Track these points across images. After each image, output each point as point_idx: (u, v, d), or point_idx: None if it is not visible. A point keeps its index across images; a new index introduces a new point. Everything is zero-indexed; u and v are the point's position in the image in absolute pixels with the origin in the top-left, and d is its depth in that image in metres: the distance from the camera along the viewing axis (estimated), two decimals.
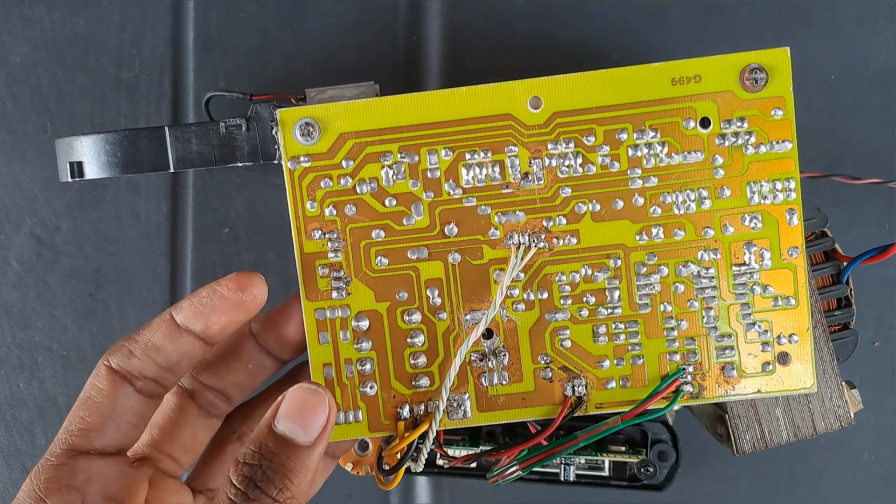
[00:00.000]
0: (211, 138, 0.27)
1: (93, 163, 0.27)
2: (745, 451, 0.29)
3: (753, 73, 0.26)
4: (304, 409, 0.23)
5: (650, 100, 0.26)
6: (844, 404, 0.29)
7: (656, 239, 0.27)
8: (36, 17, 0.36)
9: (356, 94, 0.28)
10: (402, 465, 0.27)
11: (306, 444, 0.23)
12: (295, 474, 0.23)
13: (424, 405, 0.27)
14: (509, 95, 0.26)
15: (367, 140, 0.26)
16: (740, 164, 0.26)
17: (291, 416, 0.23)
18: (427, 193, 0.27)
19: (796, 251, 0.27)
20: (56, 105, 0.36)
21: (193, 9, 0.36)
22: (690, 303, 0.27)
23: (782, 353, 0.27)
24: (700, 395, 0.27)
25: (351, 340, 0.27)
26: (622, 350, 0.27)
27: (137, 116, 0.36)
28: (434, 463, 0.31)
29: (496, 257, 0.27)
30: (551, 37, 0.35)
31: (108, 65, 0.36)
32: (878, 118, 0.35)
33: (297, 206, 0.27)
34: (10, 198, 0.37)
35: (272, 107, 0.27)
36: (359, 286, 0.27)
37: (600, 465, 0.32)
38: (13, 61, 0.36)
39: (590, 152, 0.26)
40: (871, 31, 0.35)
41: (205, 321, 0.25)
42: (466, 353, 0.26)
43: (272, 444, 0.23)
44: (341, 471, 0.31)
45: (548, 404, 0.27)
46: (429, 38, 0.36)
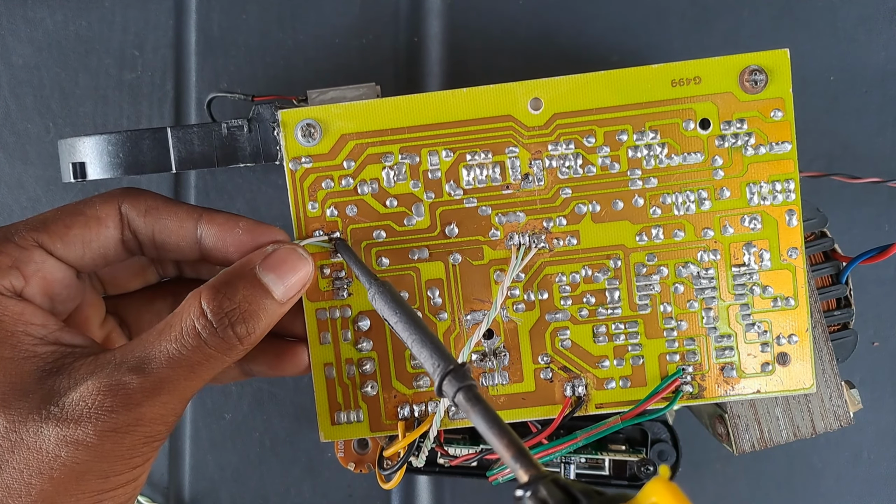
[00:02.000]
0: (213, 139, 0.27)
1: (95, 164, 0.27)
2: (744, 450, 0.29)
3: (753, 75, 0.26)
4: (289, 267, 0.24)
5: (650, 101, 0.26)
6: (844, 404, 0.29)
7: (656, 240, 0.27)
8: (39, 19, 0.37)
9: (357, 95, 0.29)
10: (403, 464, 0.27)
11: (279, 300, 0.24)
12: (261, 323, 0.23)
13: (425, 405, 0.27)
14: (510, 97, 0.26)
15: (369, 141, 0.27)
16: (740, 165, 0.27)
17: (276, 270, 0.24)
18: (428, 194, 0.27)
19: (796, 252, 0.27)
20: (59, 106, 0.37)
21: (195, 10, 0.36)
22: (690, 303, 0.27)
23: (782, 353, 0.27)
24: (700, 395, 0.27)
25: (352, 340, 0.27)
26: (622, 350, 0.27)
27: (140, 117, 0.36)
28: (435, 462, 0.31)
29: (497, 258, 0.27)
30: (552, 38, 0.35)
31: (111, 66, 0.36)
32: (877, 118, 0.35)
33: (298, 206, 0.27)
34: (13, 198, 0.37)
35: (274, 108, 0.27)
36: (360, 286, 0.27)
37: (601, 464, 0.32)
38: (16, 62, 0.37)
39: (590, 153, 0.27)
40: (871, 32, 0.35)
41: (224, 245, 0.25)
42: (468, 354, 0.26)
43: (252, 289, 0.23)
44: (343, 469, 0.31)
45: (548, 404, 0.27)
46: (430, 40, 0.36)
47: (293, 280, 0.24)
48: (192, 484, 0.37)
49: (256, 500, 0.37)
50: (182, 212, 0.25)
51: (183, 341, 0.22)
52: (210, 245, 0.25)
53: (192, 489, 0.37)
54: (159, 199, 0.26)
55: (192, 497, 0.37)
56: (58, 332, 0.23)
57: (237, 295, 0.23)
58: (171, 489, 0.37)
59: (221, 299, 0.23)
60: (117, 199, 0.25)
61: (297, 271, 0.24)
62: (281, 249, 0.24)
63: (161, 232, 0.25)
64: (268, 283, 0.24)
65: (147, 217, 0.25)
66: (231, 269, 0.24)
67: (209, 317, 0.22)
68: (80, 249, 0.25)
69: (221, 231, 0.25)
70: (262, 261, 0.24)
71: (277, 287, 0.24)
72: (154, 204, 0.25)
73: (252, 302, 0.23)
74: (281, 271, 0.24)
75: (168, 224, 0.25)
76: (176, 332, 0.22)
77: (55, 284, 0.25)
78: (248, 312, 0.23)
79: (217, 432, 0.37)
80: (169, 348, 0.22)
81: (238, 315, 0.23)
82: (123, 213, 0.25)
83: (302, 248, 0.25)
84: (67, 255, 0.25)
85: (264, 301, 0.23)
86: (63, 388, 0.21)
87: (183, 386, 0.22)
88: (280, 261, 0.24)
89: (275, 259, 0.24)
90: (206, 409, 0.37)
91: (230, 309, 0.23)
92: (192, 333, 0.22)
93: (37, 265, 0.24)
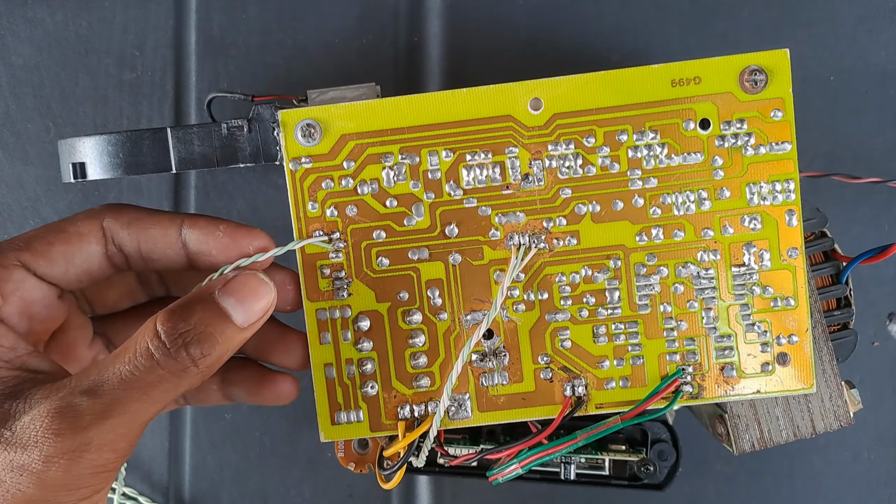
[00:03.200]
0: (213, 139, 0.27)
1: (95, 164, 0.27)
2: (744, 450, 0.29)
3: (753, 75, 0.26)
4: (250, 294, 0.24)
5: (650, 101, 0.26)
6: (844, 404, 0.29)
7: (656, 240, 0.27)
8: (39, 19, 0.37)
9: (357, 95, 0.29)
10: (403, 464, 0.27)
11: (240, 325, 0.23)
12: (219, 347, 0.23)
13: (425, 405, 0.27)
14: (510, 97, 0.26)
15: (369, 141, 0.27)
16: (740, 165, 0.27)
17: (236, 295, 0.23)
18: (428, 194, 0.27)
19: (795, 252, 0.27)
20: (58, 106, 0.37)
21: (195, 10, 0.36)
22: (690, 303, 0.27)
23: (781, 353, 0.27)
24: (699, 395, 0.27)
25: (352, 341, 0.27)
26: (622, 350, 0.27)
27: (139, 117, 0.36)
28: (435, 462, 0.31)
29: (496, 258, 0.27)
30: (551, 38, 0.35)
31: (111, 66, 0.36)
32: (877, 118, 0.35)
33: (298, 206, 0.27)
34: (14, 198, 0.37)
35: (274, 108, 0.27)
36: (360, 287, 0.27)
37: (600, 464, 0.32)
38: (16, 62, 0.37)
39: (590, 153, 0.27)
40: (871, 32, 0.35)
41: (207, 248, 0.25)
42: (468, 354, 0.26)
43: (209, 312, 0.23)
44: (343, 469, 0.31)
45: (548, 404, 0.27)
46: (430, 40, 0.36)
47: (255, 307, 0.24)
48: (192, 484, 0.37)
49: (256, 500, 0.37)
50: (164, 219, 0.26)
51: (136, 363, 0.22)
52: (195, 249, 0.25)
53: (192, 489, 0.37)
54: (141, 210, 0.26)
55: (192, 497, 0.37)
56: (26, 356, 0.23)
57: (193, 317, 0.22)
58: (170, 489, 0.37)
59: (176, 320, 0.22)
60: (99, 214, 0.25)
61: (259, 298, 0.24)
62: (242, 275, 0.24)
63: (146, 242, 0.25)
64: (227, 308, 0.23)
65: (130, 229, 0.25)
66: (190, 293, 0.24)
67: (163, 337, 0.22)
68: (63, 266, 0.25)
69: (204, 234, 0.25)
70: (222, 286, 0.24)
71: (237, 312, 0.23)
72: (136, 215, 0.26)
73: (208, 324, 0.23)
74: (241, 296, 0.23)
75: (152, 233, 0.25)
76: (130, 354, 0.22)
77: (34, 304, 0.24)
78: (204, 335, 0.22)
79: (217, 432, 0.37)
80: (122, 370, 0.21)
81: (192, 336, 0.22)
82: (106, 228, 0.25)
83: (263, 275, 0.24)
84: (50, 272, 0.25)
85: (222, 325, 0.23)
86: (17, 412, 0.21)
87: (134, 409, 0.21)
88: (240, 285, 0.24)
89: (235, 284, 0.24)
90: (206, 409, 0.37)
91: (184, 330, 0.22)
92: (146, 355, 0.22)
93: (15, 284, 0.24)
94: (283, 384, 0.28)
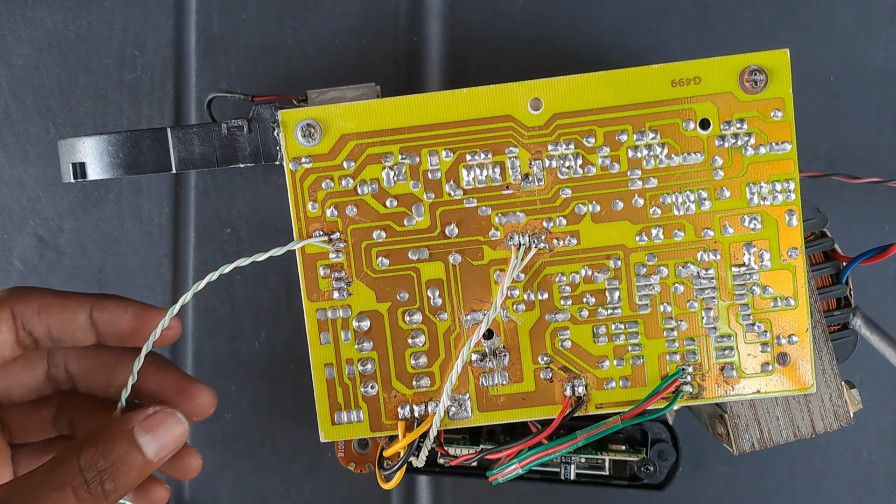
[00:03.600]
0: (213, 139, 0.27)
1: (95, 164, 0.27)
2: (744, 450, 0.29)
3: (753, 75, 0.26)
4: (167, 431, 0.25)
5: (650, 101, 0.26)
6: (844, 404, 0.29)
7: (656, 240, 0.27)
8: (39, 19, 0.37)
9: (357, 95, 0.29)
10: (403, 464, 0.27)
11: (151, 459, 0.24)
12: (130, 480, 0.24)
13: (425, 405, 0.27)
14: (510, 97, 0.26)
15: (369, 141, 0.27)
16: (740, 165, 0.27)
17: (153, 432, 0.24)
18: (428, 194, 0.27)
19: (795, 252, 0.27)
20: (58, 106, 0.37)
21: (195, 10, 0.36)
22: (690, 303, 0.27)
23: (781, 353, 0.27)
24: (699, 395, 0.27)
25: (352, 341, 0.27)
26: (622, 350, 0.27)
27: (140, 117, 0.36)
28: (435, 462, 0.31)
29: (497, 258, 0.27)
30: (551, 38, 0.35)
31: (111, 66, 0.36)
32: (877, 118, 0.35)
33: (298, 206, 0.27)
34: (14, 198, 0.37)
35: (274, 108, 0.27)
36: (360, 287, 0.27)
37: (601, 464, 0.32)
38: (16, 62, 0.37)
39: (590, 153, 0.27)
40: (871, 32, 0.35)
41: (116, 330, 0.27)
42: (468, 354, 0.26)
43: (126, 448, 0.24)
44: (343, 469, 0.31)
45: (548, 404, 0.27)
46: (430, 40, 0.36)
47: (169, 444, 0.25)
48: (192, 484, 0.37)
49: (256, 500, 0.37)
50: (73, 304, 0.26)
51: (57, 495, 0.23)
52: (104, 331, 0.27)
53: (192, 489, 0.37)
54: (48, 294, 0.26)
55: (192, 497, 0.37)
56: None
57: (112, 454, 0.24)
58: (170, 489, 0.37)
59: (97, 458, 0.23)
60: (7, 302, 0.26)
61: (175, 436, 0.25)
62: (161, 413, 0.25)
63: (56, 327, 0.26)
64: (143, 444, 0.24)
65: (41, 316, 0.26)
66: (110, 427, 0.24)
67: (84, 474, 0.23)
68: None
69: (113, 318, 0.27)
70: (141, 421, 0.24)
71: (151, 447, 0.24)
72: (45, 301, 0.26)
73: (125, 461, 0.24)
74: (157, 433, 0.25)
75: (62, 318, 0.26)
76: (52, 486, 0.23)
77: None
78: (121, 471, 0.24)
79: (217, 432, 0.37)
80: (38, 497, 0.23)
81: (109, 474, 0.23)
82: (17, 316, 0.26)
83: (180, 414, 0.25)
84: None
85: (137, 461, 0.24)
86: None
87: None
88: (158, 423, 0.25)
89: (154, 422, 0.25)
90: None
91: (104, 468, 0.23)
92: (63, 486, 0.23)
93: None
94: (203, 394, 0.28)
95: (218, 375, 0.37)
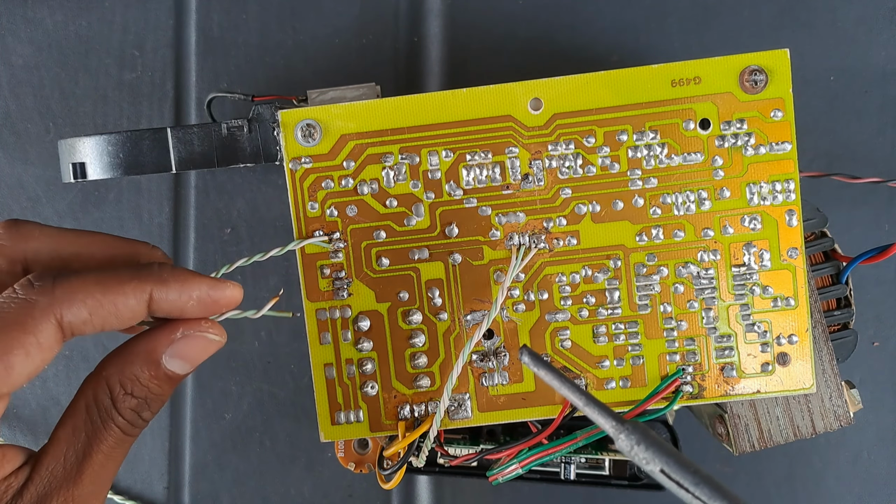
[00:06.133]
0: (213, 139, 0.27)
1: (95, 164, 0.27)
2: (744, 450, 0.29)
3: (753, 75, 0.26)
4: (199, 354, 0.24)
5: (650, 101, 0.26)
6: (844, 404, 0.29)
7: (656, 240, 0.27)
8: (39, 19, 0.37)
9: (357, 95, 0.29)
10: (403, 464, 0.27)
11: (182, 375, 0.24)
12: (167, 398, 0.24)
13: (425, 405, 0.27)
14: (510, 97, 0.26)
15: (369, 141, 0.27)
16: (740, 165, 0.27)
17: (183, 357, 0.23)
18: (428, 194, 0.27)
19: (796, 252, 0.27)
20: (58, 106, 0.37)
21: (195, 10, 0.36)
22: (690, 303, 0.27)
23: (781, 353, 0.27)
24: (700, 395, 0.27)
25: (352, 341, 0.27)
26: (622, 350, 0.27)
27: (140, 117, 0.36)
28: (435, 462, 0.31)
29: (496, 258, 0.27)
30: (552, 38, 0.35)
31: (111, 66, 0.36)
32: (877, 118, 0.35)
33: (298, 206, 0.27)
34: (14, 198, 0.37)
35: (274, 108, 0.27)
36: (360, 287, 0.27)
37: (601, 464, 0.32)
38: (16, 62, 0.37)
39: (590, 153, 0.27)
40: (871, 32, 0.35)
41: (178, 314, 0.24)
42: (468, 354, 0.26)
43: (158, 380, 0.23)
44: (343, 469, 0.31)
45: (548, 404, 0.27)
46: (430, 40, 0.36)
47: (197, 357, 0.24)
48: (192, 484, 0.37)
49: (256, 500, 0.37)
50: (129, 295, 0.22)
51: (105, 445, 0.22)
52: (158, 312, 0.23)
53: (192, 489, 0.37)
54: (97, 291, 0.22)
55: (192, 497, 0.37)
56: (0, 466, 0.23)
57: (143, 390, 0.23)
58: (171, 489, 0.37)
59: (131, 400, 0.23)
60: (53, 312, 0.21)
61: (201, 351, 0.24)
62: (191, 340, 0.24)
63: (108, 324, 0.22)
64: (173, 369, 0.23)
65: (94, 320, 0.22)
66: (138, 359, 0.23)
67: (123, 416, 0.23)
68: (23, 381, 0.22)
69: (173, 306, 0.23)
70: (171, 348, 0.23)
71: (181, 368, 0.24)
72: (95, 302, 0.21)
73: (158, 391, 0.23)
74: (188, 358, 0.24)
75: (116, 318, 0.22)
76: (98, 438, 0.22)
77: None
78: (156, 400, 0.23)
79: (217, 432, 0.37)
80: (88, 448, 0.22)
81: (146, 406, 0.23)
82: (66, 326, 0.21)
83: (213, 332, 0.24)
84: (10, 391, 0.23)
85: (169, 385, 0.24)
86: None
87: (105, 476, 0.23)
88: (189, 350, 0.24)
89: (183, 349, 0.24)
90: (206, 409, 0.37)
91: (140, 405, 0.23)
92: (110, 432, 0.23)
93: None
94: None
95: (218, 375, 0.37)
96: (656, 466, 0.20)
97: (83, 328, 0.22)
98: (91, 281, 0.22)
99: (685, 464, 0.20)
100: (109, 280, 0.22)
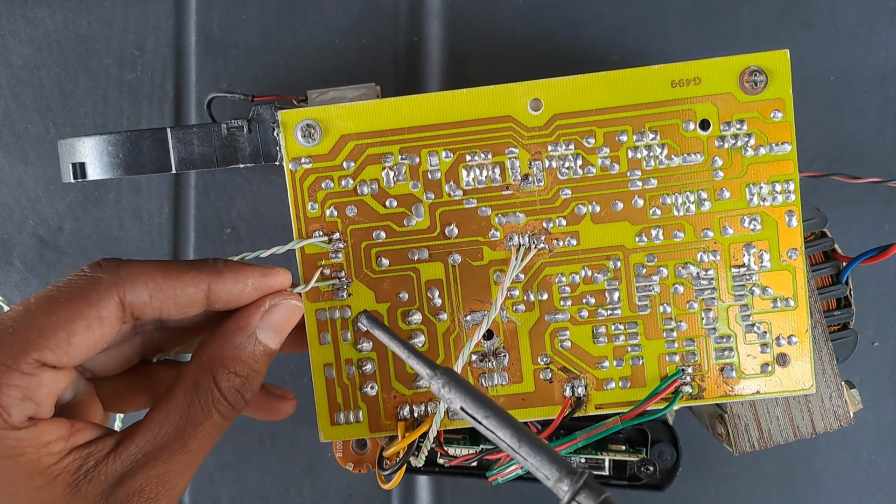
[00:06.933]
0: (213, 140, 0.27)
1: (95, 164, 0.27)
2: (744, 450, 0.29)
3: (753, 76, 0.26)
4: (287, 323, 0.25)
5: (650, 102, 0.26)
6: (844, 404, 0.29)
7: (656, 240, 0.27)
8: (39, 19, 0.37)
9: (357, 95, 0.29)
10: (403, 464, 0.27)
11: (273, 350, 0.25)
12: (264, 375, 0.25)
13: (425, 405, 0.27)
14: (510, 97, 0.26)
15: (368, 141, 0.27)
16: (740, 165, 0.26)
17: (274, 329, 0.25)
18: (427, 195, 0.27)
19: (795, 253, 0.27)
20: (58, 106, 0.37)
21: (195, 10, 0.36)
22: (690, 304, 0.27)
23: (781, 354, 0.27)
24: (699, 395, 0.27)
25: (352, 341, 0.27)
26: (622, 351, 0.27)
27: (139, 118, 0.36)
28: (434, 462, 0.31)
29: (496, 258, 0.27)
30: (551, 39, 0.35)
31: (111, 66, 0.36)
32: (877, 118, 0.35)
33: (298, 207, 0.27)
34: (13, 198, 0.37)
35: (274, 108, 0.27)
36: (360, 287, 0.27)
37: (601, 464, 0.32)
38: (16, 62, 0.37)
39: (590, 154, 0.27)
40: (871, 32, 0.35)
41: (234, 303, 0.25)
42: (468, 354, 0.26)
43: (257, 357, 0.24)
44: (343, 469, 0.31)
45: (548, 405, 0.27)
46: (430, 40, 0.36)
47: (286, 327, 0.25)
48: (192, 484, 0.37)
49: (256, 500, 0.37)
50: (187, 284, 0.24)
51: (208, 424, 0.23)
52: (216, 302, 0.25)
53: (192, 489, 0.37)
54: (158, 276, 0.23)
55: (193, 497, 0.37)
56: (72, 436, 0.23)
57: (244, 368, 0.24)
58: None
59: (233, 378, 0.24)
60: (117, 290, 0.23)
61: (290, 319, 0.25)
62: (280, 310, 0.25)
63: (167, 310, 0.24)
64: (268, 343, 0.25)
65: (154, 302, 0.23)
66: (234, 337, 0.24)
67: (226, 398, 0.24)
68: (83, 355, 0.23)
69: (230, 295, 0.25)
70: (261, 320, 0.25)
71: (274, 340, 0.25)
72: (156, 285, 0.23)
73: (257, 369, 0.24)
74: (278, 329, 0.25)
75: (175, 303, 0.24)
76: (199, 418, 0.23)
77: (61, 392, 0.24)
78: (255, 378, 0.24)
79: None
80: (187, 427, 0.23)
81: (247, 385, 0.24)
82: (127, 305, 0.23)
83: (295, 299, 0.25)
84: (71, 363, 0.23)
85: (264, 361, 0.24)
86: (96, 495, 0.22)
87: (202, 454, 0.23)
88: (278, 321, 0.25)
89: (274, 321, 0.25)
90: None
91: (241, 384, 0.24)
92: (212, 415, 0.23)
93: (47, 387, 0.23)
94: (286, 407, 0.29)
95: None
96: (457, 405, 0.23)
97: (143, 310, 0.23)
98: (154, 267, 0.24)
99: (482, 402, 0.23)
100: (171, 268, 0.24)
